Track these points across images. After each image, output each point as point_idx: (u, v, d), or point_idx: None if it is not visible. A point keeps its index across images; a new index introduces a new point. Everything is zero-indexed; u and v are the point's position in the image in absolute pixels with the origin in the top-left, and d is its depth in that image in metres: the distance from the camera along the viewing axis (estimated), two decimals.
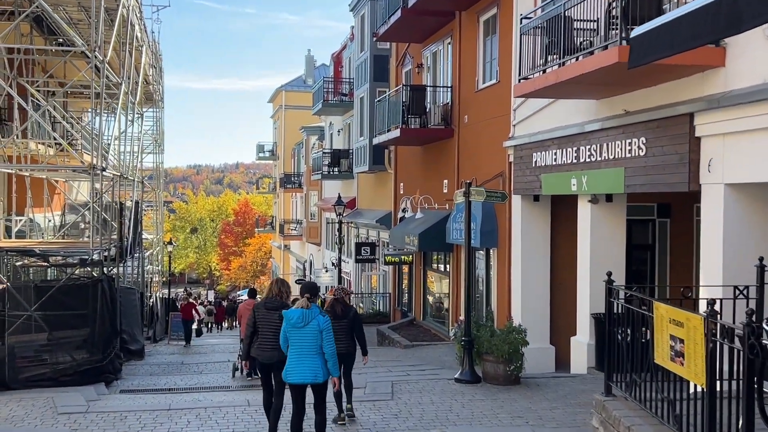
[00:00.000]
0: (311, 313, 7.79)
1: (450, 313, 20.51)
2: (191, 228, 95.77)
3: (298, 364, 7.75)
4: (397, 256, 23.62)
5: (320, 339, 7.75)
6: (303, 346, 7.73)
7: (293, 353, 7.79)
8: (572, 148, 13.47)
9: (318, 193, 42.92)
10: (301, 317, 7.75)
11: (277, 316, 8.40)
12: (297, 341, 7.76)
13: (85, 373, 13.67)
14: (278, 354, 8.27)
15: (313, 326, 7.73)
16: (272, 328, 8.45)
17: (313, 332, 7.73)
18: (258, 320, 8.63)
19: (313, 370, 7.75)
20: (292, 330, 7.76)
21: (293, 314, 7.80)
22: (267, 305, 8.71)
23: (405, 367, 15.35)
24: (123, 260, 19.38)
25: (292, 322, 7.75)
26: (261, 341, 8.55)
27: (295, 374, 7.79)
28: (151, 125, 35.48)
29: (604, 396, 7.93)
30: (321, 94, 34.63)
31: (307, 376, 7.76)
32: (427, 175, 22.56)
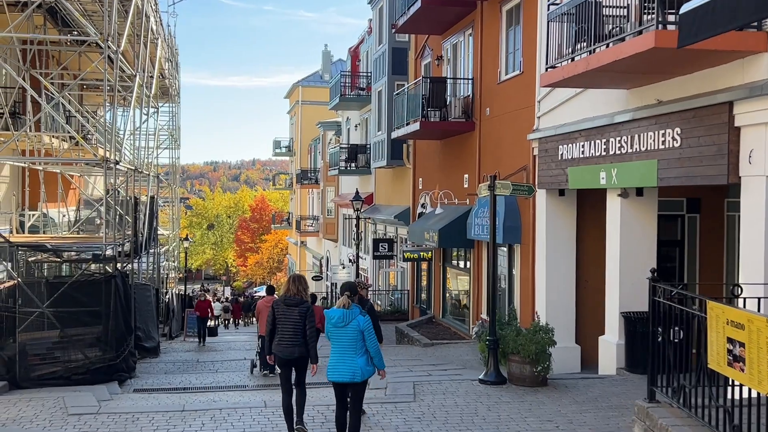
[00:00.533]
0: (351, 313, 7.91)
1: (471, 311, 20.03)
2: (208, 224, 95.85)
3: (339, 363, 7.90)
4: (415, 253, 23.16)
5: (361, 339, 7.88)
6: (344, 345, 7.89)
7: (334, 352, 7.95)
8: (601, 139, 12.94)
9: (335, 189, 42.53)
10: (341, 317, 7.88)
11: (296, 313, 8.63)
12: (338, 340, 7.93)
13: (97, 371, 13.31)
14: (298, 350, 8.56)
15: (353, 326, 7.86)
16: (292, 325, 8.62)
17: (354, 332, 7.86)
18: (277, 317, 8.75)
19: (351, 369, 7.86)
20: (333, 329, 7.92)
21: (334, 314, 7.94)
22: (286, 302, 8.79)
23: (426, 367, 14.90)
24: (138, 256, 19.06)
25: (333, 321, 7.91)
26: (280, 338, 8.68)
27: (335, 373, 7.97)
28: (167, 120, 35.27)
29: (648, 402, 7.42)
30: (338, 88, 34.19)
31: (346, 375, 7.88)
32: (447, 170, 22.07)
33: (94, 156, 14.89)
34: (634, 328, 12.47)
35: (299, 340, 8.64)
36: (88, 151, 15.16)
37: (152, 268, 23.87)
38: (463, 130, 20.23)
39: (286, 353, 8.64)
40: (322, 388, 12.25)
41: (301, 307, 8.76)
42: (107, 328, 13.59)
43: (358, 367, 7.87)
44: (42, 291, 13.53)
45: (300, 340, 8.64)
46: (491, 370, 11.75)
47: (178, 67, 36.74)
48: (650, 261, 12.95)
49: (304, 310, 8.75)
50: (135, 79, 16.77)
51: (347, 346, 7.87)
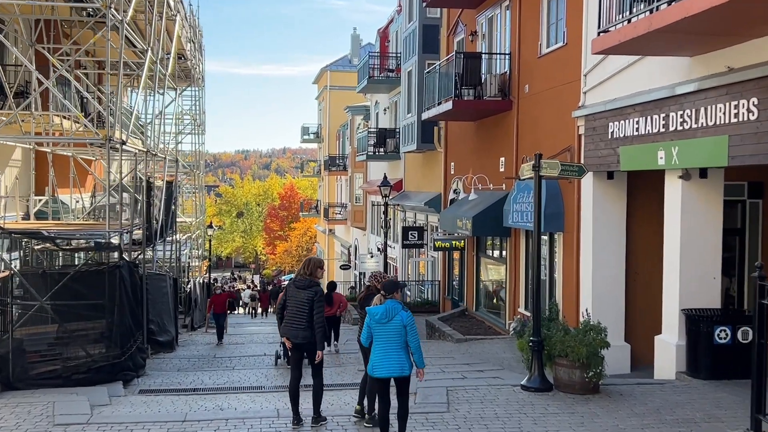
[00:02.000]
0: (394, 309, 7.94)
1: (507, 304, 18.63)
2: (237, 212, 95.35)
3: (385, 359, 7.90)
4: (447, 242, 21.79)
5: (404, 334, 7.92)
6: (388, 341, 7.92)
7: (378, 348, 7.95)
8: (660, 114, 11.45)
9: (363, 176, 41.25)
10: (385, 313, 7.91)
11: (304, 296, 8.53)
12: (382, 336, 7.94)
13: (100, 370, 12.17)
14: (302, 334, 8.49)
15: (397, 322, 7.89)
16: (299, 307, 8.51)
17: (397, 327, 7.89)
18: (287, 298, 8.66)
19: (399, 363, 7.89)
20: (376, 326, 7.95)
21: (377, 311, 7.97)
22: (296, 284, 8.67)
23: (459, 367, 13.56)
24: (152, 244, 17.93)
25: (377, 318, 7.93)
26: (288, 319, 8.57)
27: (382, 368, 7.91)
28: (191, 104, 34.22)
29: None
30: (366, 70, 32.82)
31: (394, 370, 7.90)
32: (481, 153, 20.63)
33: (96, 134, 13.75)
34: (697, 327, 11.02)
35: (304, 323, 8.50)
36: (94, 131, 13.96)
37: (172, 257, 22.78)
38: (499, 109, 18.76)
39: (292, 335, 8.54)
40: (341, 391, 11.00)
41: (309, 290, 8.59)
42: (111, 322, 12.44)
43: (405, 360, 7.94)
44: (38, 282, 12.40)
45: (305, 324, 8.50)
46: (535, 375, 10.37)
47: (202, 50, 35.63)
48: (715, 252, 11.50)
49: (312, 294, 8.57)
50: (147, 54, 15.56)
51: (392, 342, 7.91)
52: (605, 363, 10.26)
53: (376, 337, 7.99)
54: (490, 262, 20.79)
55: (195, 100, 35.24)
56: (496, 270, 20.33)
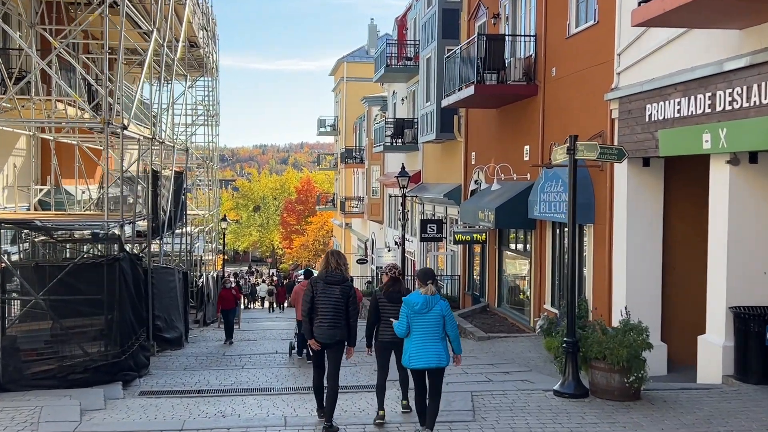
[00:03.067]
0: (434, 299, 7.84)
1: (531, 300, 17.66)
2: (254, 206, 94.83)
3: (423, 349, 7.77)
4: (468, 234, 20.81)
5: (443, 324, 7.84)
6: (427, 331, 7.78)
7: (417, 339, 7.80)
8: (705, 93, 10.45)
9: (380, 168, 40.32)
10: (425, 303, 7.78)
11: (338, 291, 8.20)
12: (420, 327, 7.79)
13: (98, 370, 11.36)
14: (340, 333, 8.19)
15: (436, 311, 7.81)
16: (333, 305, 8.15)
17: (437, 317, 7.80)
18: (317, 296, 8.19)
19: (437, 354, 7.78)
20: (415, 316, 7.79)
21: (417, 300, 7.81)
22: (327, 279, 8.24)
23: (483, 368, 12.63)
24: (159, 236, 17.12)
25: (417, 308, 7.78)
26: (320, 319, 8.14)
27: (420, 359, 7.79)
28: (204, 95, 33.45)
29: None
30: (383, 58, 31.83)
31: (432, 361, 7.78)
32: (504, 142, 19.64)
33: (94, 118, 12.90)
34: (746, 327, 10.01)
35: (341, 321, 8.17)
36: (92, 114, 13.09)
37: (182, 250, 21.98)
38: (523, 94, 17.76)
39: (327, 336, 8.11)
40: (356, 394, 10.11)
41: (343, 286, 8.26)
42: (110, 319, 11.61)
43: (443, 351, 7.84)
44: (39, 276, 11.59)
45: (342, 322, 8.17)
46: (569, 380, 9.42)
47: (215, 39, 34.86)
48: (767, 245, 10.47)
49: (347, 288, 8.27)
50: (152, 35, 14.70)
51: (431, 332, 7.79)
52: (647, 366, 9.30)
53: (413, 328, 7.81)
54: (513, 256, 19.82)
55: (209, 90, 34.53)
56: (519, 264, 19.36)
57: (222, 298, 20.28)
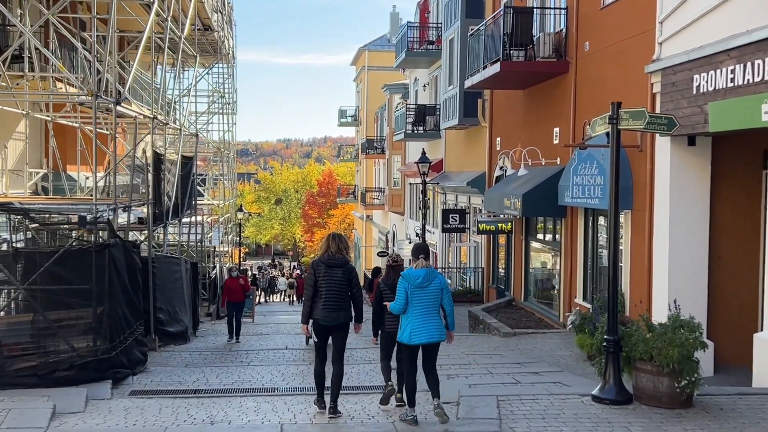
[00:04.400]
0: (433, 273, 7.77)
1: (561, 294, 16.42)
2: (276, 199, 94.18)
3: (425, 324, 7.68)
4: (492, 224, 19.60)
5: (440, 298, 7.79)
6: (427, 305, 7.70)
7: (417, 314, 7.69)
8: (764, 58, 9.16)
9: (401, 158, 39.17)
10: (426, 277, 7.70)
11: (340, 273, 8.17)
12: (420, 301, 7.69)
13: (85, 367, 10.35)
14: (344, 315, 8.18)
15: (436, 285, 7.74)
16: (336, 287, 8.14)
17: (436, 291, 7.75)
18: (319, 279, 8.12)
19: (438, 328, 7.75)
20: (415, 291, 7.67)
21: (418, 274, 7.70)
22: (330, 262, 8.17)
23: (510, 367, 11.45)
24: (163, 224, 16.11)
25: (418, 282, 7.67)
26: (325, 302, 8.09)
27: (422, 334, 7.70)
28: (218, 81, 32.47)
29: None
30: (404, 43, 30.62)
31: (434, 335, 7.75)
32: (532, 125, 18.39)
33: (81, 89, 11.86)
34: None
35: (344, 304, 8.20)
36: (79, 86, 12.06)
37: (192, 240, 20.98)
38: (553, 71, 16.50)
39: (331, 318, 8.09)
40: (366, 395, 9.00)
41: (345, 268, 8.23)
42: (99, 311, 10.59)
43: (442, 326, 7.81)
44: (10, 264, 10.59)
45: (345, 304, 8.20)
46: (610, 384, 8.21)
47: (232, 24, 33.90)
48: None
49: (348, 270, 8.26)
50: (153, 5, 13.64)
51: (430, 306, 7.73)
52: (700, 368, 8.07)
53: (413, 303, 7.68)
54: (541, 247, 18.58)
55: (224, 77, 33.57)
56: (547, 255, 18.12)
57: (227, 288, 17.48)
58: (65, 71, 12.54)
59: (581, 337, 12.84)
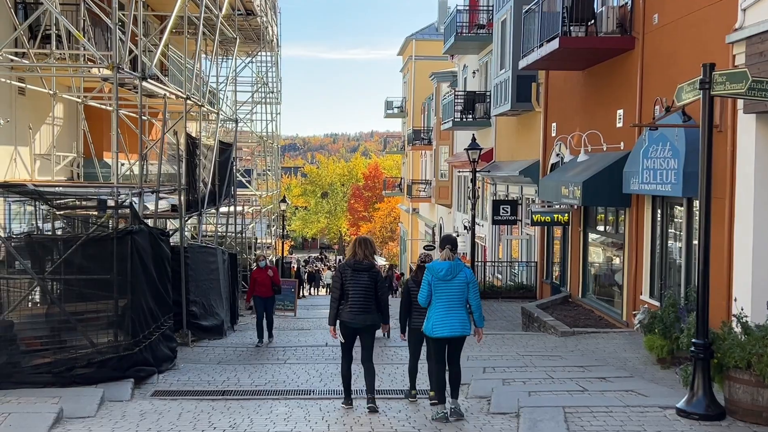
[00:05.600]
0: (458, 265, 7.67)
1: (624, 290, 15.10)
2: (322, 192, 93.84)
3: (447, 317, 7.60)
4: (548, 215, 18.31)
5: (466, 291, 7.65)
6: (452, 298, 7.63)
7: (440, 307, 7.64)
8: None
9: (449, 148, 37.94)
10: (449, 270, 7.62)
11: (366, 277, 8.32)
12: (444, 294, 7.62)
13: (104, 364, 9.48)
14: (371, 317, 8.32)
15: (461, 278, 7.64)
16: (362, 291, 8.31)
17: (461, 284, 7.64)
18: (346, 283, 8.33)
19: (461, 322, 7.64)
20: (439, 283, 7.61)
21: (441, 266, 7.65)
22: (356, 267, 8.38)
23: (572, 371, 10.25)
24: (198, 212, 15.26)
25: (441, 275, 7.62)
26: (351, 304, 8.29)
27: (444, 327, 7.62)
28: (260, 69, 31.71)
29: None
30: (453, 27, 29.35)
31: (457, 329, 7.65)
32: (592, 108, 17.06)
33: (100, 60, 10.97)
34: None
35: (371, 306, 8.34)
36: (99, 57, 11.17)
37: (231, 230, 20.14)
38: (617, 48, 15.16)
39: (358, 321, 8.28)
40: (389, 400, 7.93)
41: (371, 272, 8.40)
42: (120, 304, 9.70)
43: (467, 319, 7.71)
44: (42, 252, 9.78)
45: (371, 306, 8.34)
46: (699, 396, 6.99)
47: (276, 11, 33.10)
48: None
49: (374, 274, 8.43)
50: None
51: (455, 299, 7.64)
52: None
53: (437, 296, 7.64)
54: (601, 239, 17.25)
55: (269, 66, 32.82)
56: (609, 248, 16.78)
57: (253, 281, 14.99)
58: (83, 40, 11.66)
59: (651, 338, 11.57)
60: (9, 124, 14.83)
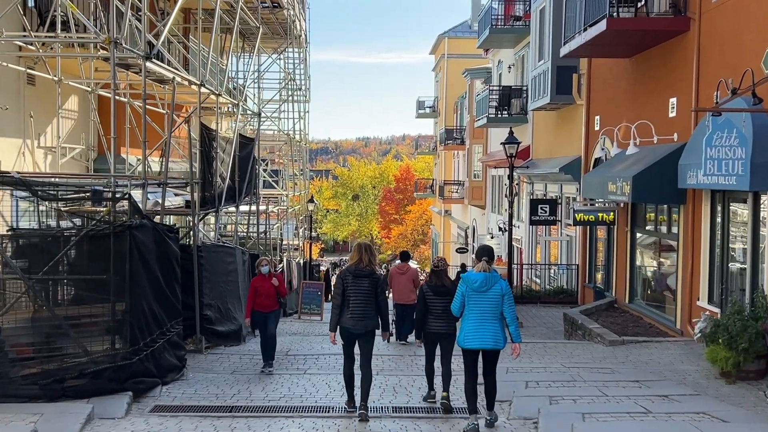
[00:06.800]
0: (494, 277, 7.58)
1: (679, 296, 13.75)
2: (353, 195, 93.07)
3: (480, 329, 7.53)
4: (591, 214, 17.00)
5: (501, 304, 7.55)
6: (485, 310, 7.54)
7: (473, 318, 7.58)
8: None
9: (483, 147, 36.65)
10: (484, 281, 7.53)
11: (367, 283, 8.39)
12: (478, 306, 7.56)
13: (99, 375, 8.45)
14: (371, 323, 8.41)
15: (496, 290, 7.56)
16: (363, 297, 8.37)
17: (496, 296, 7.54)
18: (347, 289, 8.40)
19: (494, 335, 7.53)
20: (473, 294, 7.57)
21: (476, 278, 7.55)
22: (357, 273, 8.43)
23: (627, 387, 9.00)
24: (215, 209, 14.23)
25: (476, 286, 7.54)
26: (353, 310, 8.37)
27: (475, 339, 7.55)
28: (289, 66, 30.76)
29: None
30: (488, 19, 28.10)
31: (488, 341, 7.53)
32: (640, 97, 15.74)
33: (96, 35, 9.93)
34: None
35: (371, 312, 8.42)
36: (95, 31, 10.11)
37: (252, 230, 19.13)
38: (671, 30, 13.84)
39: (359, 327, 8.37)
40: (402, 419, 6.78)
41: (372, 278, 8.46)
42: (116, 308, 8.66)
43: (500, 332, 7.58)
44: (32, 250, 8.79)
45: (371, 312, 8.43)
46: None
47: (304, 6, 32.15)
48: None
49: (375, 280, 8.49)
50: None
51: (488, 311, 7.54)
52: None
53: (470, 307, 7.59)
54: (651, 240, 15.90)
55: (296, 62, 31.87)
56: (660, 250, 15.42)
57: (253, 290, 11.59)
58: (76, 11, 10.64)
59: (714, 349, 10.28)
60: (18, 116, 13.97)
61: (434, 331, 8.61)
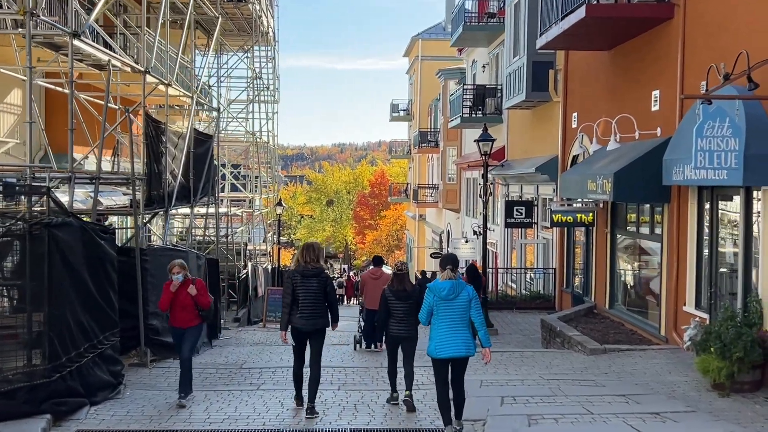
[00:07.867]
0: (460, 284, 7.57)
1: (663, 300, 12.88)
2: (327, 200, 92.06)
3: (452, 338, 7.45)
4: (569, 214, 16.15)
5: (469, 309, 7.51)
6: (454, 318, 7.49)
7: (443, 327, 7.49)
8: None
9: (457, 150, 35.81)
10: (452, 289, 7.49)
11: (315, 282, 8.44)
12: (447, 314, 7.49)
13: (12, 395, 7.33)
14: (321, 321, 8.54)
15: (464, 297, 7.52)
16: (312, 296, 8.44)
17: (464, 303, 7.52)
18: (297, 288, 8.43)
19: (466, 342, 7.48)
20: (441, 303, 7.49)
21: (443, 286, 7.50)
22: (305, 273, 8.47)
23: (614, 403, 8.06)
24: (164, 209, 13.11)
25: (444, 294, 7.47)
26: (302, 310, 8.43)
27: (448, 348, 7.44)
28: (257, 64, 29.69)
29: None
30: (461, 17, 27.22)
31: (461, 349, 7.47)
32: (621, 91, 14.90)
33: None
34: None
35: (320, 311, 8.51)
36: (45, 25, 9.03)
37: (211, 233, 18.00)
38: (653, 18, 13.00)
39: (308, 326, 8.45)
40: None
41: (320, 278, 8.52)
42: (33, 318, 7.56)
43: (471, 339, 7.52)
44: None
45: (321, 311, 8.51)
46: None
47: (273, 3, 31.12)
48: None
49: (323, 279, 8.54)
50: None
51: (458, 319, 7.48)
52: None
53: (439, 316, 7.48)
54: (633, 242, 15.04)
55: (264, 60, 30.83)
56: (643, 252, 14.57)
57: (166, 300, 9.15)
58: None
59: (705, 359, 9.42)
60: None
61: (396, 335, 8.84)
